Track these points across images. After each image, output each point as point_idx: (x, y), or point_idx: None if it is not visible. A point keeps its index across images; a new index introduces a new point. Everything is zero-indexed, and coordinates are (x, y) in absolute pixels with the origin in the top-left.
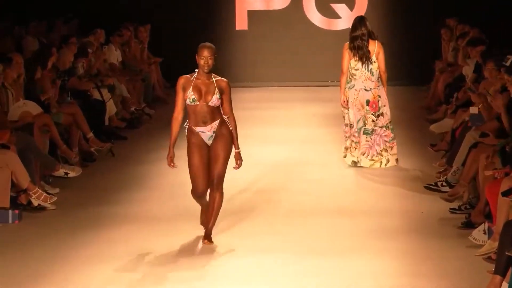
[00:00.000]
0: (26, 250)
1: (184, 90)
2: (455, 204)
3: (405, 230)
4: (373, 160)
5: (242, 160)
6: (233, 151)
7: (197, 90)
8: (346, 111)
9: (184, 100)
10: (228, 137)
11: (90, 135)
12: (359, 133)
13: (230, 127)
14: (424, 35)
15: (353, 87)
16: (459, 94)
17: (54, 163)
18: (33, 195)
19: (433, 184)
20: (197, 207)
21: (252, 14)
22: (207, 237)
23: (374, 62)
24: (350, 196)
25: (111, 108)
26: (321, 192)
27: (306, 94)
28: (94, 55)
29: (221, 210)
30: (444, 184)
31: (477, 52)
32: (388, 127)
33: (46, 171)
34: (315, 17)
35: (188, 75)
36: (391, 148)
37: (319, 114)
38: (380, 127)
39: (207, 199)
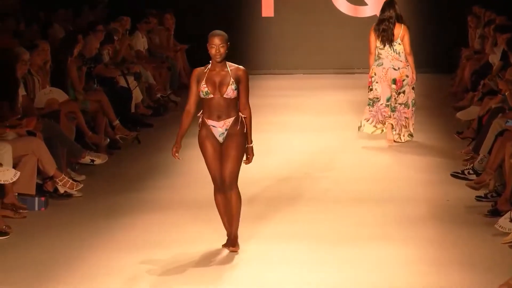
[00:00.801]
0: (51, 237)
1: (198, 82)
2: (481, 192)
3: (431, 218)
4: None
5: (253, 155)
6: (246, 145)
7: (211, 82)
8: (371, 86)
9: (198, 93)
10: (241, 137)
11: (116, 122)
12: (392, 109)
13: (245, 123)
14: (450, 23)
15: (381, 65)
16: (486, 81)
17: (80, 151)
18: (59, 182)
19: (460, 172)
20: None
21: (278, 1)
22: (232, 243)
23: (399, 44)
24: (375, 184)
25: (137, 95)
26: (346, 179)
27: (332, 81)
28: (120, 42)
29: (244, 195)
30: (471, 172)
31: (503, 39)
32: (406, 104)
33: (72, 158)
34: (342, 4)
35: (202, 67)
36: (406, 126)
37: (344, 101)
38: (399, 104)
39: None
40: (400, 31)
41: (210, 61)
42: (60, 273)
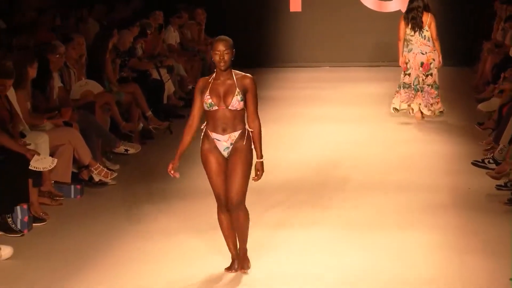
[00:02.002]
0: (87, 224)
1: (202, 93)
2: (501, 181)
3: (453, 206)
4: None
5: (263, 171)
6: (255, 160)
7: (216, 93)
8: (407, 72)
9: (202, 105)
10: (247, 153)
11: (149, 113)
12: (416, 90)
13: (253, 137)
14: (472, 17)
15: (411, 50)
16: (506, 74)
17: (115, 140)
18: (94, 171)
19: (480, 161)
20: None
21: None
22: (241, 263)
23: (427, 30)
24: (400, 173)
25: (169, 87)
26: (371, 168)
27: (358, 74)
28: (152, 36)
29: (274, 183)
30: (491, 161)
31: None
32: (433, 86)
33: (107, 148)
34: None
35: (207, 77)
36: (437, 103)
37: (370, 94)
38: (427, 85)
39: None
40: (427, 18)
41: (215, 70)
42: (95, 259)
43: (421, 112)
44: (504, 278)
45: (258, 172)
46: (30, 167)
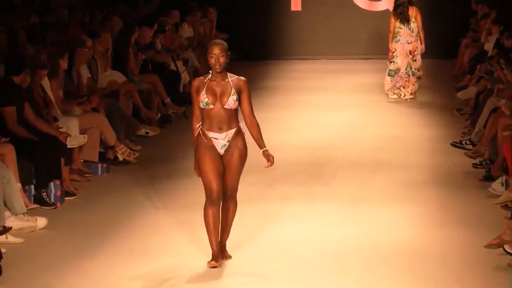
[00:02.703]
0: (112, 198)
1: (198, 93)
2: (477, 160)
3: (434, 182)
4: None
5: (273, 156)
6: (261, 150)
7: (211, 92)
8: (392, 59)
9: (198, 104)
10: (243, 149)
11: (167, 100)
12: (408, 75)
13: (254, 134)
14: (452, 15)
15: (399, 41)
16: (482, 66)
17: (136, 124)
18: (118, 151)
19: (459, 142)
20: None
21: None
22: (222, 253)
23: (413, 22)
24: (387, 153)
25: (185, 77)
26: (362, 148)
27: (351, 66)
28: (170, 32)
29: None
30: (468, 142)
31: (497, 30)
32: (419, 69)
33: (129, 130)
34: (359, 0)
35: (202, 77)
36: (416, 84)
37: (362, 83)
38: (416, 69)
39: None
40: (413, 12)
41: (210, 71)
42: (120, 229)
43: (408, 94)
44: (478, 246)
45: (270, 157)
46: (68, 146)
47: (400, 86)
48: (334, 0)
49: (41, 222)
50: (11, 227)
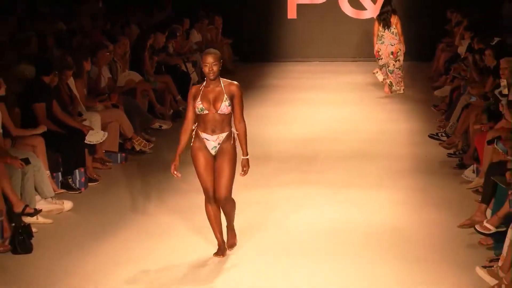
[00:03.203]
0: (131, 184)
1: (194, 99)
2: (451, 150)
3: (414, 170)
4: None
5: (249, 167)
6: (241, 157)
7: (206, 99)
8: (379, 58)
9: (194, 109)
10: (232, 153)
11: (179, 97)
12: (387, 72)
13: (239, 138)
14: (429, 23)
15: (383, 43)
16: (455, 67)
17: (151, 118)
18: (135, 142)
19: (435, 134)
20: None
21: (300, 6)
22: (229, 240)
23: (394, 28)
24: (373, 144)
25: (194, 77)
26: (352, 140)
27: (341, 67)
28: (180, 38)
29: (274, 152)
30: (443, 135)
31: (469, 36)
32: (400, 68)
33: (145, 124)
34: (347, 9)
35: (198, 85)
36: (401, 82)
37: (350, 82)
38: (396, 68)
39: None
40: (395, 20)
41: (205, 79)
42: (137, 212)
43: (390, 88)
44: (453, 226)
45: (245, 168)
46: (85, 141)
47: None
48: (325, 9)
49: (67, 205)
50: (41, 210)
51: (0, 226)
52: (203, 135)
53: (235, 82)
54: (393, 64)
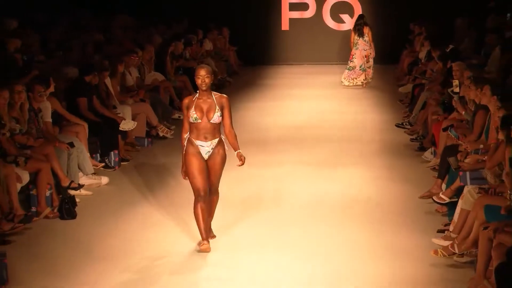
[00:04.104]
0: (156, 163)
1: (188, 109)
2: (414, 136)
3: (383, 152)
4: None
5: (244, 157)
6: (235, 152)
7: (199, 109)
8: (352, 60)
9: (188, 119)
10: (223, 155)
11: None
12: (362, 70)
13: (226, 145)
14: (395, 34)
15: (358, 48)
16: (417, 69)
17: (171, 110)
18: (159, 129)
19: (401, 123)
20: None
21: (291, 20)
22: (208, 233)
23: (366, 37)
24: (350, 131)
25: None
26: (333, 128)
27: (324, 69)
28: (195, 45)
29: (269, 137)
30: (407, 124)
31: (428, 44)
32: (370, 67)
33: (167, 115)
34: (330, 22)
35: (191, 96)
36: (370, 75)
37: (332, 81)
38: (368, 67)
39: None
40: (366, 30)
41: (198, 91)
42: (162, 185)
43: (363, 83)
44: (415, 197)
45: (242, 158)
46: (119, 129)
47: (353, 78)
48: (312, 23)
49: (104, 180)
50: (83, 184)
51: (50, 197)
52: (197, 142)
53: (225, 95)
54: (365, 64)
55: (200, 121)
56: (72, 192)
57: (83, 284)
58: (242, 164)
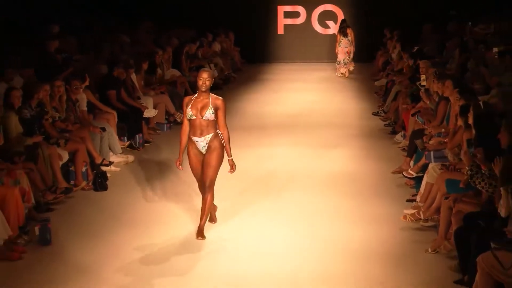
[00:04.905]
0: (174, 144)
1: (187, 107)
2: (387, 122)
3: (362, 135)
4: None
5: (235, 165)
6: (227, 158)
7: (195, 107)
8: (337, 56)
9: (185, 115)
10: (219, 149)
11: None
12: (344, 63)
13: (223, 140)
14: (371, 36)
15: (341, 46)
16: (389, 66)
17: None
18: (176, 116)
19: (376, 111)
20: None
21: (286, 26)
22: (200, 233)
23: (349, 36)
24: (335, 117)
25: (215, 73)
26: (320, 115)
27: (313, 66)
28: (206, 47)
29: (267, 124)
30: (382, 112)
31: (399, 46)
32: (351, 60)
33: (182, 104)
34: (318, 28)
35: (191, 96)
36: (352, 66)
37: (320, 76)
38: (349, 61)
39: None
40: (349, 31)
41: (198, 91)
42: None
43: (344, 74)
44: (387, 172)
45: (233, 166)
46: (143, 116)
47: (338, 69)
48: (302, 28)
49: (131, 158)
50: (113, 162)
51: (86, 172)
52: (194, 138)
53: (221, 98)
54: (347, 59)
55: (195, 117)
56: (104, 168)
57: (112, 244)
58: (233, 171)
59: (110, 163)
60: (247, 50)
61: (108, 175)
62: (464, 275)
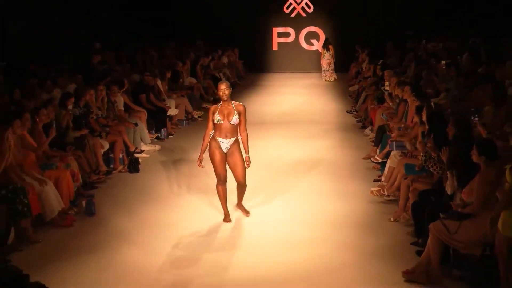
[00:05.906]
0: (191, 137)
1: (213, 114)
2: (359, 119)
3: (338, 129)
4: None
5: (250, 162)
6: (244, 155)
7: (222, 113)
8: (322, 66)
9: (213, 121)
10: (240, 152)
11: (216, 91)
12: (326, 72)
13: (243, 142)
14: (346, 51)
15: (324, 58)
16: (360, 75)
17: (201, 102)
18: (194, 114)
19: (350, 110)
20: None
21: (279, 43)
22: (242, 208)
23: (331, 51)
24: (318, 116)
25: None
26: (307, 114)
27: (301, 75)
28: (216, 60)
29: (264, 120)
30: (354, 111)
31: (367, 59)
32: (333, 69)
33: (197, 105)
34: (304, 44)
35: (216, 104)
36: (333, 76)
37: (308, 83)
38: (331, 70)
39: (225, 190)
40: (331, 46)
41: (221, 102)
42: (195, 152)
43: (327, 80)
44: (359, 158)
45: (248, 163)
46: (168, 114)
47: (323, 76)
48: (292, 45)
49: (158, 147)
50: (144, 150)
51: (122, 159)
52: (219, 139)
53: (242, 104)
54: (328, 68)
55: (222, 122)
56: (136, 155)
57: (143, 214)
58: (248, 167)
59: (142, 151)
60: (249, 62)
61: (140, 160)
62: (418, 239)
